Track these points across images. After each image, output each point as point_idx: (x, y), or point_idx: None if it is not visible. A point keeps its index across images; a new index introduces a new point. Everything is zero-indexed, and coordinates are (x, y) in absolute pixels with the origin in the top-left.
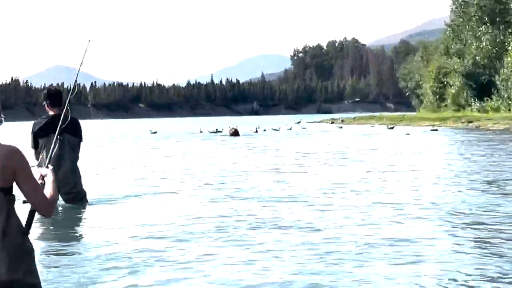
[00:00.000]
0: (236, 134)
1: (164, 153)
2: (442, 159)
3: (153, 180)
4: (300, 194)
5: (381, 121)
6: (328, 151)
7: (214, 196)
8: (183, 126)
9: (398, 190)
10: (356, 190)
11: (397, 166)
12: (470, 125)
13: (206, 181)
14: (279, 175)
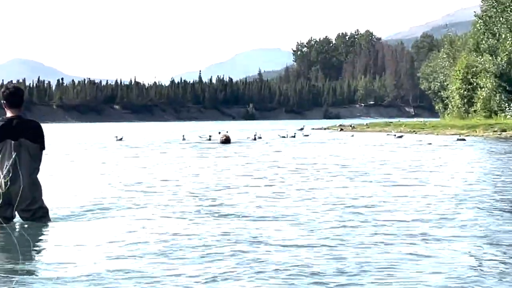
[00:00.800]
0: (227, 141)
1: (136, 164)
2: (468, 175)
3: (122, 195)
4: (290, 212)
5: (399, 128)
6: (331, 162)
7: (191, 211)
8: (164, 131)
9: (404, 208)
10: (356, 207)
11: (407, 181)
12: (503, 134)
13: (183, 195)
14: (269, 189)
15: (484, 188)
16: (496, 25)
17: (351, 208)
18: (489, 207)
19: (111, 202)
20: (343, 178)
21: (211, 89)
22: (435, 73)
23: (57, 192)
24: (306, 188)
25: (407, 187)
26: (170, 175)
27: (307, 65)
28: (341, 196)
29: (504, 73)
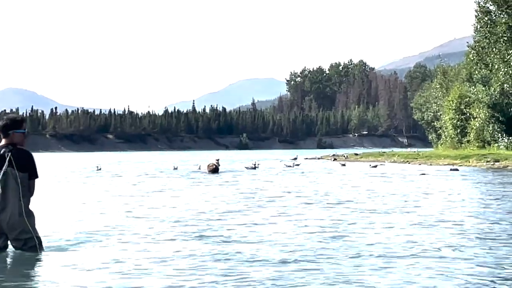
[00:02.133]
0: (216, 171)
1: (123, 193)
2: (460, 205)
3: (112, 223)
4: (270, 236)
5: (392, 158)
6: (316, 191)
7: (178, 237)
8: (156, 161)
9: (385, 238)
10: (336, 237)
11: (392, 208)
12: (496, 164)
13: (170, 222)
14: (252, 215)
15: (471, 216)
16: (489, 55)
17: (329, 233)
18: (473, 236)
19: (103, 230)
20: (327, 206)
21: (204, 118)
22: (428, 103)
23: (50, 221)
24: (290, 214)
25: (388, 214)
26: (158, 204)
27: (300, 94)
28: (322, 223)
29: (497, 104)
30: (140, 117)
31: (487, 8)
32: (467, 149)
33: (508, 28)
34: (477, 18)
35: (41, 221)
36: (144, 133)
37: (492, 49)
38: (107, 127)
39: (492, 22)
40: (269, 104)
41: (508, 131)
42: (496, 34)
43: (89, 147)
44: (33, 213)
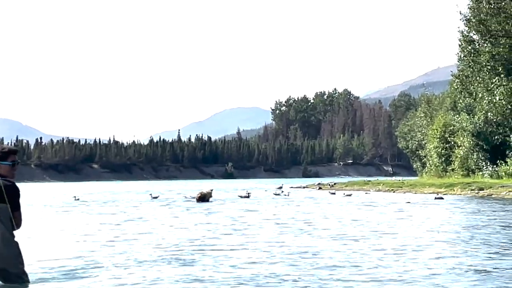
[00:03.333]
0: (203, 199)
1: (97, 223)
2: (444, 234)
3: (95, 253)
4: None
5: (377, 186)
6: (299, 219)
7: (160, 262)
8: (140, 190)
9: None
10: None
11: (374, 236)
12: (481, 192)
13: (154, 250)
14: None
15: (453, 245)
16: (472, 84)
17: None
18: (452, 264)
19: (86, 261)
20: (315, 232)
21: (190, 148)
22: (412, 132)
23: (33, 252)
24: (271, 241)
25: (367, 240)
26: (140, 231)
27: (285, 123)
28: (301, 250)
29: (481, 132)
30: (125, 146)
31: (471, 37)
32: (451, 178)
33: (492, 57)
34: (460, 47)
35: (26, 253)
36: (130, 163)
37: (476, 78)
38: (92, 157)
39: (476, 51)
40: (254, 133)
41: (492, 159)
42: (480, 63)
43: (74, 177)
44: (17, 245)
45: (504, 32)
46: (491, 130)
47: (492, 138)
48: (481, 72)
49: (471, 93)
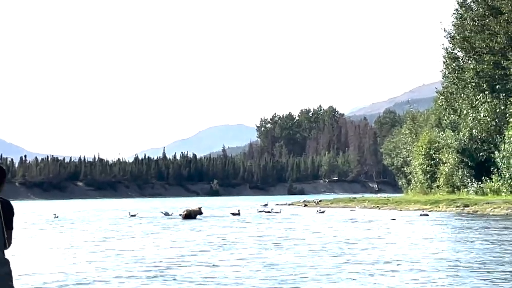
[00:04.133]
0: (189, 216)
1: (74, 240)
2: (429, 251)
3: (80, 270)
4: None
5: (362, 203)
6: (284, 236)
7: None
8: (124, 207)
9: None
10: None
11: (359, 256)
12: (466, 209)
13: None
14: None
15: (450, 263)
16: (457, 101)
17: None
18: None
19: (72, 279)
20: (299, 249)
21: (175, 165)
22: (398, 149)
23: (19, 270)
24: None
25: (349, 255)
26: (123, 248)
27: (271, 141)
28: (278, 262)
29: (466, 149)
30: (110, 164)
31: (455, 54)
32: (436, 194)
33: (476, 74)
34: (445, 64)
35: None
36: (115, 180)
37: (460, 94)
38: (77, 175)
39: (460, 68)
40: (239, 151)
41: (477, 176)
42: (464, 80)
43: (59, 194)
44: (9, 264)
45: (488, 49)
46: (476, 147)
47: (477, 155)
48: (466, 89)
49: (456, 110)
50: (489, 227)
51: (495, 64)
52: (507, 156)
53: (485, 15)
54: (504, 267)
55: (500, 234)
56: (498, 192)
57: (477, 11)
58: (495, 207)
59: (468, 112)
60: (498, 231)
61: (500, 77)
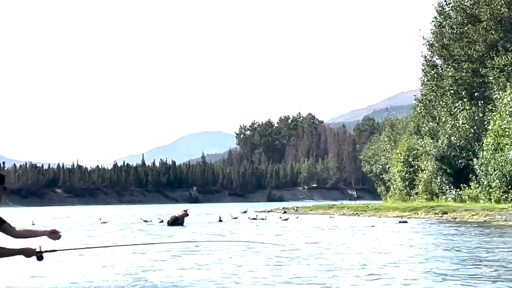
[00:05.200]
0: (175, 223)
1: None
2: (406, 258)
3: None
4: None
5: (341, 210)
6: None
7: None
8: (103, 215)
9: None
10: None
11: (342, 262)
12: (444, 216)
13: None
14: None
15: (417, 267)
16: (436, 108)
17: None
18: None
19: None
20: (279, 259)
21: (154, 172)
22: (376, 156)
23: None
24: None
25: (326, 261)
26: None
27: (250, 148)
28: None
29: (445, 156)
30: (89, 171)
31: (434, 62)
32: (415, 201)
33: (454, 82)
34: (424, 72)
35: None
36: (93, 187)
37: (439, 102)
38: (56, 182)
39: (439, 76)
40: (218, 158)
41: (456, 183)
42: (443, 87)
43: (38, 201)
44: None
45: (466, 57)
46: (455, 154)
47: (455, 162)
48: (444, 97)
49: (435, 117)
50: (467, 234)
51: (474, 72)
52: (485, 164)
53: (464, 23)
54: (479, 271)
55: (478, 241)
56: (477, 199)
57: (456, 19)
58: (473, 214)
59: (447, 119)
60: (476, 238)
61: (478, 85)
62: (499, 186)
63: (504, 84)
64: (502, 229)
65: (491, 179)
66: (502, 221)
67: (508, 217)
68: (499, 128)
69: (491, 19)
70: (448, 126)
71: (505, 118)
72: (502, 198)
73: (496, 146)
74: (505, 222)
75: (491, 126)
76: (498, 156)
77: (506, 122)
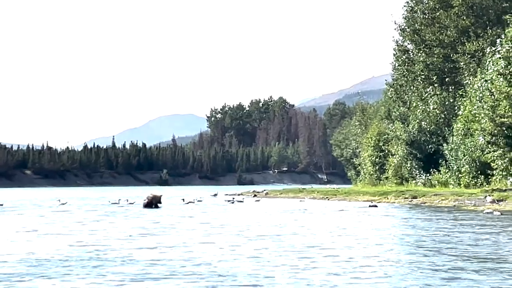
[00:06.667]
0: (150, 205)
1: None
2: (374, 242)
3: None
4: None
5: (312, 194)
6: (235, 225)
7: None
8: (71, 196)
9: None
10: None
11: (303, 243)
12: (414, 201)
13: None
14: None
15: (394, 253)
16: (406, 93)
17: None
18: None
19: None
20: (243, 240)
21: (124, 154)
22: (347, 140)
23: None
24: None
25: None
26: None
27: (221, 131)
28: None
29: (415, 141)
30: (59, 152)
31: (405, 47)
32: (385, 186)
33: (426, 67)
34: (395, 57)
35: None
36: (63, 169)
37: (410, 87)
38: (25, 163)
39: (410, 61)
40: (189, 140)
41: (426, 168)
42: (414, 72)
43: (6, 183)
44: None
45: (438, 42)
46: (425, 139)
47: (425, 147)
48: (415, 82)
49: (405, 102)
50: (436, 219)
51: (445, 57)
52: (455, 149)
53: (436, 8)
54: (443, 256)
55: (446, 226)
56: (446, 184)
57: (428, 4)
58: (443, 198)
59: (418, 104)
60: (444, 223)
61: (449, 70)
62: (468, 171)
63: (475, 70)
64: (470, 214)
65: (460, 164)
66: (471, 206)
67: (477, 202)
68: (469, 114)
69: (463, 4)
70: (418, 111)
71: (475, 103)
72: (472, 183)
73: (466, 131)
74: (474, 207)
75: (461, 111)
76: (468, 141)
77: (476, 107)
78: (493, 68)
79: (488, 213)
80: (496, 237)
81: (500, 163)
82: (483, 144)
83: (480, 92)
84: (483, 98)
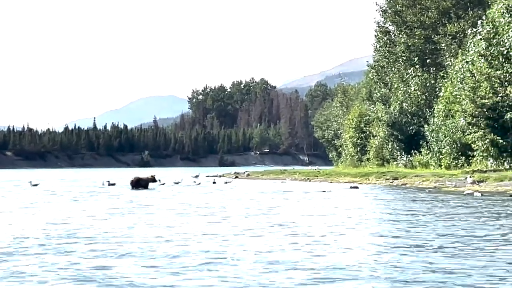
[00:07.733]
0: (137, 185)
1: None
2: (354, 222)
3: None
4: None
5: (293, 176)
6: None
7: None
8: (53, 178)
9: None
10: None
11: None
12: (395, 182)
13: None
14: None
15: (374, 233)
16: (388, 75)
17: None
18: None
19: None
20: (223, 222)
21: (105, 136)
22: (328, 122)
23: None
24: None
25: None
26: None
27: (202, 112)
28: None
29: (396, 122)
30: (39, 134)
31: (387, 28)
32: (366, 167)
33: (407, 48)
34: (376, 38)
35: None
36: (44, 150)
37: (391, 68)
38: (6, 144)
39: (391, 42)
40: (171, 122)
41: (407, 149)
42: (395, 53)
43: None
44: None
45: (419, 23)
46: (406, 120)
47: (406, 128)
48: (397, 63)
49: (387, 84)
50: (417, 200)
51: (426, 39)
52: (436, 130)
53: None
54: (424, 236)
55: (426, 206)
56: (427, 165)
57: None
58: (423, 180)
59: (399, 86)
60: (425, 204)
61: (430, 52)
62: (449, 152)
63: (456, 51)
64: (450, 195)
65: (441, 145)
66: (451, 187)
67: (458, 183)
68: (450, 95)
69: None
70: (400, 93)
71: (456, 85)
72: (452, 165)
73: (447, 112)
74: (454, 188)
75: (442, 92)
76: (449, 122)
77: (457, 89)
78: (474, 49)
79: (468, 194)
80: (475, 218)
81: (480, 144)
82: (464, 125)
83: (461, 73)
84: (464, 80)
